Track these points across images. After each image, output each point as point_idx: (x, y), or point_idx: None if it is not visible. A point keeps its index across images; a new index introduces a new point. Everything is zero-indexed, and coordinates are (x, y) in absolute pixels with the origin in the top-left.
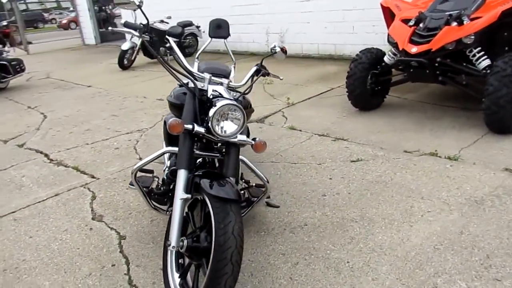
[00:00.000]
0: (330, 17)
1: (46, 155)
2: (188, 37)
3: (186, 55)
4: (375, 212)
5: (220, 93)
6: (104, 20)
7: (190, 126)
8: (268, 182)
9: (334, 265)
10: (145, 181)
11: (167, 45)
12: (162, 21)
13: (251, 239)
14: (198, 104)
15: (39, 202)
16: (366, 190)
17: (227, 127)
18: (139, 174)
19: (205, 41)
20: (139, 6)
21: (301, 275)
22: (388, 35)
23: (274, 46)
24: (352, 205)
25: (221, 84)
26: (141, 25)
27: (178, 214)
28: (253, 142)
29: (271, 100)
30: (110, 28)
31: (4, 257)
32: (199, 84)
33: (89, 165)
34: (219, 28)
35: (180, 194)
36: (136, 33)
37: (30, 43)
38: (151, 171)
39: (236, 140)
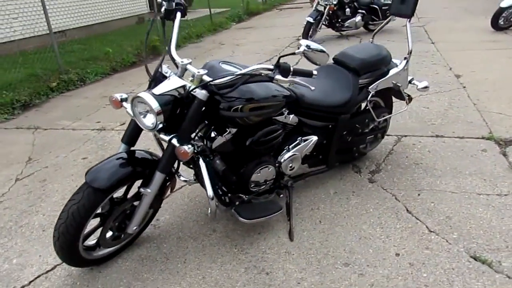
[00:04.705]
0: None
1: None
2: None
3: None
4: None
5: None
6: None
7: (126, 105)
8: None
9: None
10: None
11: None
12: None
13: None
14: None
15: None
16: None
17: (141, 120)
18: None
19: None
20: None
21: None
22: None
23: (301, 46)
24: None
25: (179, 76)
26: None
27: None
28: (176, 145)
29: None
30: None
31: None
32: (165, 70)
33: None
34: (402, 3)
35: None
36: None
37: None
38: None
39: (159, 135)
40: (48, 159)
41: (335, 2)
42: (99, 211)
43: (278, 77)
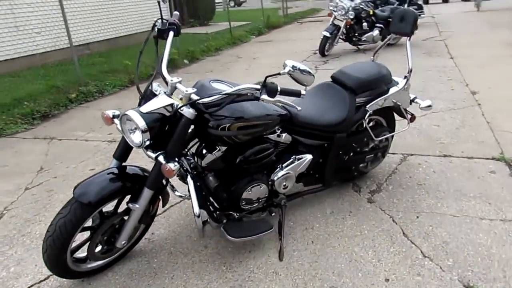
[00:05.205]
0: None
1: None
2: None
3: None
4: None
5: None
6: None
7: (117, 122)
8: None
9: None
10: None
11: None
12: None
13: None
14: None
15: None
16: None
17: (130, 137)
18: None
19: None
20: None
21: None
22: None
23: (286, 66)
24: None
25: (169, 94)
26: None
27: None
28: (162, 162)
29: None
30: None
31: None
32: (155, 88)
33: None
34: (401, 22)
35: None
36: None
37: None
38: None
39: (146, 152)
40: (59, 169)
41: (351, 17)
42: (89, 224)
43: (264, 97)
